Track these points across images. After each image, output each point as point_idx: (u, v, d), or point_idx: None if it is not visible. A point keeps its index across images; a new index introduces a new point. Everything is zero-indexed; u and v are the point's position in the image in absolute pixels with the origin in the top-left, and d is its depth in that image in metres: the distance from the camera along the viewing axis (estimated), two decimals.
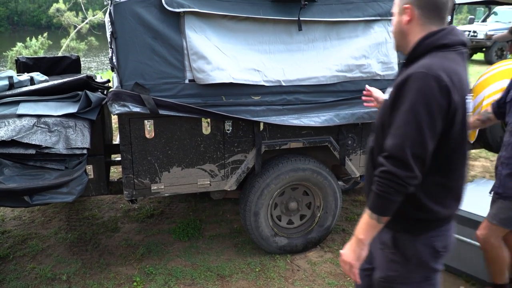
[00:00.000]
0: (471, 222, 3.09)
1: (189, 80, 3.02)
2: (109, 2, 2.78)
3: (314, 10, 3.18)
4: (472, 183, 3.70)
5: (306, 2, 3.08)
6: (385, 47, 3.39)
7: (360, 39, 3.35)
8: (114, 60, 2.86)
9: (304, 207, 3.61)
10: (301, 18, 3.12)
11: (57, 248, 3.77)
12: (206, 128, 3.11)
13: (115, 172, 5.13)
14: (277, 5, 3.10)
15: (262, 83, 3.11)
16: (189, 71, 3.00)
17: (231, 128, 3.16)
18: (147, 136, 3.02)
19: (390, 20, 3.40)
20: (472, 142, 4.01)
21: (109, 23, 2.83)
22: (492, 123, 2.92)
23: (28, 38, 14.72)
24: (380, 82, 3.42)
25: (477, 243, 3.02)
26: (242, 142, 3.23)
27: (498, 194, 2.66)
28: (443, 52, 1.67)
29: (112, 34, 2.83)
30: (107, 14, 2.86)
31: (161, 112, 2.90)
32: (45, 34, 15.41)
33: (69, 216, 4.34)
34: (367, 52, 3.35)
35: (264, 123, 3.20)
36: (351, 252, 1.72)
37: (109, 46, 2.86)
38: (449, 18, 2.75)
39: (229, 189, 3.31)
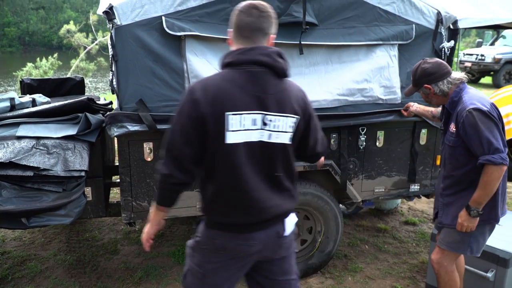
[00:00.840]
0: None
1: None
2: (111, 25, 2.80)
3: (315, 34, 3.18)
4: None
5: (307, 26, 3.08)
6: (387, 71, 3.39)
7: (362, 63, 3.34)
8: (115, 83, 2.87)
9: (305, 232, 3.56)
10: (302, 42, 3.13)
11: (55, 270, 3.73)
12: None
13: (118, 193, 5.12)
14: (278, 29, 3.09)
15: None
16: None
17: None
18: (146, 158, 3.01)
19: (392, 44, 3.40)
20: None
21: (111, 46, 2.85)
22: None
23: (38, 59, 14.92)
24: (382, 106, 3.40)
25: (487, 274, 2.98)
26: None
27: (441, 223, 2.79)
28: (227, 69, 1.87)
29: (113, 56, 2.84)
30: (109, 37, 2.88)
31: (159, 127, 2.88)
32: (55, 55, 15.62)
33: (69, 238, 4.31)
34: (369, 76, 3.34)
35: None
36: (146, 227, 2.09)
37: (110, 69, 2.88)
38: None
39: None
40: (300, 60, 3.21)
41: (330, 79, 3.26)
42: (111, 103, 3.82)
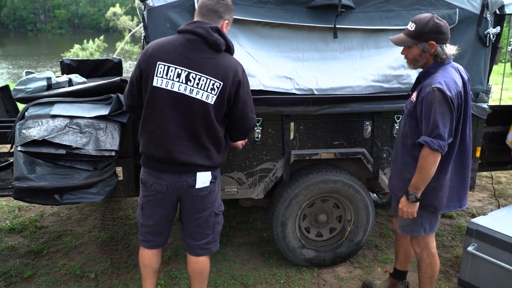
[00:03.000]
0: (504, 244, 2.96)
1: None
2: (143, 6, 2.81)
3: (351, 18, 3.08)
4: (509, 207, 3.48)
5: (343, 9, 2.98)
6: None
7: (400, 48, 3.21)
8: None
9: (334, 220, 3.50)
10: (337, 26, 3.03)
11: (89, 246, 3.85)
12: None
13: None
14: (313, 12, 3.02)
15: (294, 91, 3.04)
16: None
17: (260, 135, 3.12)
18: None
19: None
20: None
21: (143, 27, 2.86)
22: None
23: (85, 40, 15.28)
24: None
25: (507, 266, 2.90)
26: (271, 151, 3.18)
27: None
28: (177, 34, 2.36)
29: (145, 38, 2.85)
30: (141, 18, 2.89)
31: None
32: (101, 37, 15.95)
33: (104, 215, 4.43)
34: None
35: (295, 132, 3.14)
36: None
37: (142, 50, 2.89)
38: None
39: (256, 198, 3.26)
40: (334, 45, 3.11)
41: (365, 65, 3.16)
42: None
